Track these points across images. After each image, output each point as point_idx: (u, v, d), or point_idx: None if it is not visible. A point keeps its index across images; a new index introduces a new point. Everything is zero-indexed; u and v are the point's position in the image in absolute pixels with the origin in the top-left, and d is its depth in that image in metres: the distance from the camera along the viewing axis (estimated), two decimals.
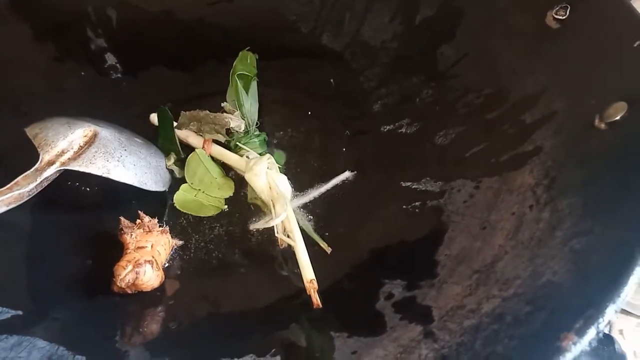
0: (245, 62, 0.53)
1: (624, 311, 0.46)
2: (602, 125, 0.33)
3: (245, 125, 0.49)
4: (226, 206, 0.46)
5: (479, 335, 0.26)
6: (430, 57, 0.49)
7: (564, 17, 0.39)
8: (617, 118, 0.32)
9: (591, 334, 0.21)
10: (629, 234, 0.24)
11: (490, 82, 0.44)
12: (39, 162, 0.38)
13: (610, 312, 0.21)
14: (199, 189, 0.46)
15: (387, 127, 0.49)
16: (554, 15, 0.40)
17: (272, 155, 0.47)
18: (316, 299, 0.36)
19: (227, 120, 0.47)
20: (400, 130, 0.48)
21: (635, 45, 0.33)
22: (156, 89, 0.54)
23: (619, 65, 0.34)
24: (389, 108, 0.50)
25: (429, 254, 0.36)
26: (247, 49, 0.53)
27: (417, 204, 0.41)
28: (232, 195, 0.46)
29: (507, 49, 0.43)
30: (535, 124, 0.38)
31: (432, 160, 0.44)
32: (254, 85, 0.51)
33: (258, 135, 0.49)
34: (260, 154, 0.48)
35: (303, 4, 0.55)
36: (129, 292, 0.37)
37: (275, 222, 0.42)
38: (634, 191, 0.27)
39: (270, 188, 0.44)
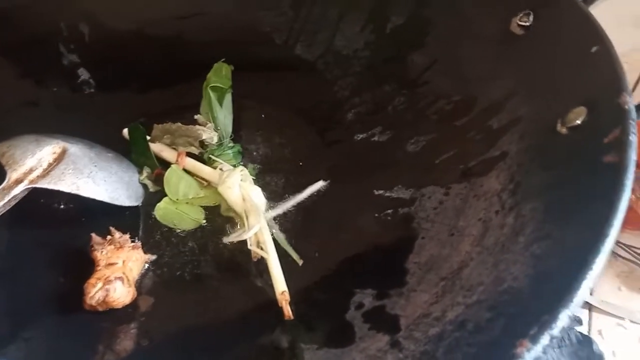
0: (220, 74, 0.53)
1: (603, 312, 0.46)
2: (564, 130, 0.33)
3: (219, 137, 0.49)
4: (204, 220, 0.45)
5: (442, 343, 0.26)
6: (402, 65, 0.49)
7: (527, 24, 0.40)
8: (578, 122, 0.32)
9: (545, 340, 0.21)
10: (585, 238, 0.24)
11: (459, 89, 0.44)
12: (6, 181, 0.38)
13: (564, 318, 0.21)
14: (184, 202, 0.46)
15: (360, 136, 0.49)
16: (518, 22, 0.41)
17: (246, 167, 0.47)
18: (287, 311, 0.36)
19: (199, 132, 0.47)
20: (373, 139, 0.49)
21: (592, 50, 0.34)
22: (130, 104, 0.54)
23: (578, 71, 0.35)
24: (362, 117, 0.51)
25: (399, 262, 0.36)
26: (222, 60, 0.54)
27: (389, 211, 0.42)
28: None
29: (474, 56, 0.44)
30: (501, 129, 0.39)
31: (404, 168, 0.44)
32: (228, 97, 0.51)
33: (232, 147, 0.49)
34: (235, 166, 0.48)
35: (276, 15, 0.56)
36: (100, 309, 0.37)
37: (248, 235, 0.42)
38: (591, 195, 0.27)
39: (243, 200, 0.44)
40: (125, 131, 0.50)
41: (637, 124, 0.50)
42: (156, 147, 0.49)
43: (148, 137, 0.49)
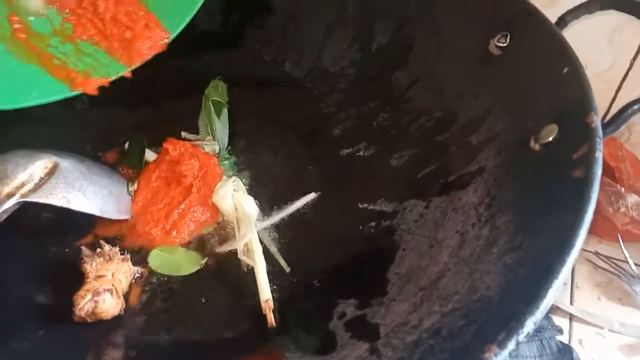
0: (217, 90, 0.54)
1: (583, 321, 0.47)
2: (537, 146, 0.35)
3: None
4: (206, 258, 0.44)
5: (417, 350, 0.27)
6: (386, 82, 0.51)
7: (504, 45, 0.42)
8: (550, 139, 0.34)
9: (511, 345, 0.22)
10: (552, 248, 0.26)
11: (440, 106, 0.46)
12: None
13: (530, 325, 0.22)
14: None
15: (346, 151, 0.51)
16: (495, 42, 0.42)
17: (240, 178, 0.48)
18: (271, 319, 0.37)
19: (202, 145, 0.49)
20: (358, 154, 0.50)
21: (564, 71, 0.35)
22: (121, 119, 0.55)
23: (551, 90, 0.36)
24: (347, 132, 0.52)
25: (381, 273, 0.37)
26: (218, 77, 0.55)
27: (372, 224, 0.43)
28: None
29: (455, 74, 0.46)
30: (480, 145, 0.40)
31: (387, 182, 0.46)
32: (225, 111, 0.53)
33: (228, 159, 0.51)
34: (229, 177, 0.49)
35: (265, 33, 0.57)
36: (89, 320, 0.37)
37: (239, 244, 0.43)
38: (560, 207, 0.29)
39: (236, 210, 0.45)
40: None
41: (608, 140, 0.52)
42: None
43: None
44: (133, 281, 0.42)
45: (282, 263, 0.43)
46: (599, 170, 0.29)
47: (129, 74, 0.44)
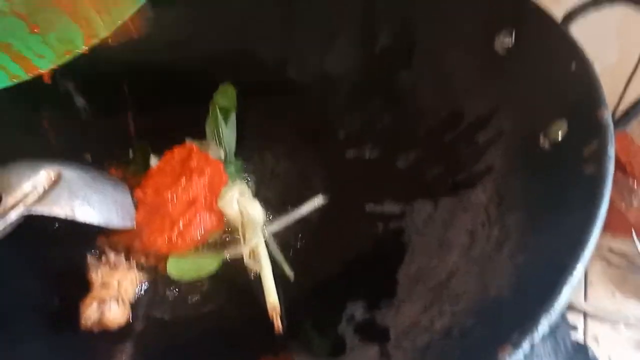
0: (226, 95, 0.54)
1: (598, 317, 0.47)
2: (546, 144, 0.34)
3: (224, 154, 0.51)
4: (226, 253, 0.44)
5: (429, 351, 0.26)
6: (390, 83, 0.51)
7: (510, 45, 0.41)
8: (559, 136, 0.33)
9: (526, 345, 0.21)
10: (564, 247, 0.25)
11: (446, 105, 0.45)
12: (1, 206, 0.38)
13: (545, 324, 0.22)
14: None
15: (352, 153, 0.50)
16: (501, 41, 0.42)
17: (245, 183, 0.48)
18: (278, 324, 0.37)
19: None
20: (364, 156, 0.50)
21: (572, 67, 0.35)
22: (125, 128, 0.55)
23: (559, 87, 0.36)
24: (353, 134, 0.52)
25: (390, 274, 0.36)
26: (226, 82, 0.55)
27: (380, 225, 0.42)
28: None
29: (461, 73, 0.45)
30: (487, 143, 0.40)
31: (394, 183, 0.45)
32: (233, 116, 0.53)
33: (234, 163, 0.51)
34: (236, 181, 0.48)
35: (267, 38, 0.57)
36: (96, 330, 0.37)
37: (245, 250, 0.42)
38: (572, 205, 0.28)
39: (242, 214, 0.45)
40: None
41: (620, 134, 0.51)
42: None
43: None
44: (139, 289, 0.42)
45: (286, 269, 0.42)
46: (611, 167, 0.28)
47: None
